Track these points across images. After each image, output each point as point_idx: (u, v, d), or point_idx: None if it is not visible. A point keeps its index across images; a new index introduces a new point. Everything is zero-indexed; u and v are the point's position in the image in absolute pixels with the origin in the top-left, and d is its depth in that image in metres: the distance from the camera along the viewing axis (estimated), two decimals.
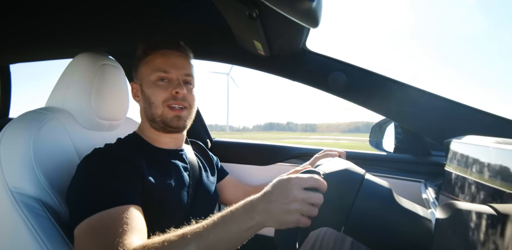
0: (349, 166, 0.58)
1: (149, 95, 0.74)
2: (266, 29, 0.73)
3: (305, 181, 0.48)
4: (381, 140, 1.26)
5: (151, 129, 0.78)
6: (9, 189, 0.63)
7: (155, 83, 0.74)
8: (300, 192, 0.47)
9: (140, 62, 0.77)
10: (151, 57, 0.75)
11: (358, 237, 0.57)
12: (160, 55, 0.75)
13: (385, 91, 0.87)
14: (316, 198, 0.48)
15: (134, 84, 0.79)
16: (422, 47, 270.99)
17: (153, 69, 0.74)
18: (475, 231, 0.33)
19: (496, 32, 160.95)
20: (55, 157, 0.70)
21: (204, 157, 0.96)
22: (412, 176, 0.99)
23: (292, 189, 0.48)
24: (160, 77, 0.74)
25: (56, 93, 0.80)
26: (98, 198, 0.57)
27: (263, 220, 0.47)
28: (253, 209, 0.48)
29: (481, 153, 0.44)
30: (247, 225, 0.47)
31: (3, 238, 0.63)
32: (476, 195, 0.39)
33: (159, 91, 0.73)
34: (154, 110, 0.74)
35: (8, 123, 0.69)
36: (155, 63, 0.74)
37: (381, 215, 0.53)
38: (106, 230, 0.52)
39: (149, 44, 0.77)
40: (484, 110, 0.78)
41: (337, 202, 0.53)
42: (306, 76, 0.96)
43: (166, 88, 0.74)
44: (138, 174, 0.65)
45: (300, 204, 0.47)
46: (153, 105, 0.74)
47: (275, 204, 0.47)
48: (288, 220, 0.47)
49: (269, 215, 0.47)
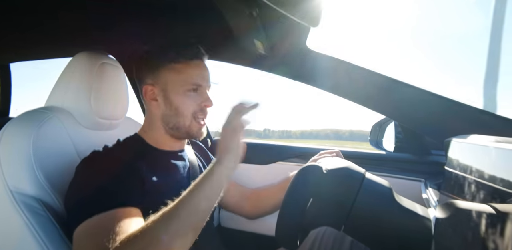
0: (349, 164, 0.59)
1: (178, 104, 0.73)
2: (266, 28, 0.73)
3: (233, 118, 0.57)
4: (381, 139, 1.26)
5: (165, 134, 0.77)
6: (9, 189, 0.63)
7: (186, 94, 0.73)
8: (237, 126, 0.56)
9: (163, 67, 0.74)
10: (183, 67, 0.73)
11: (357, 236, 0.57)
12: (193, 67, 0.74)
13: (386, 91, 0.87)
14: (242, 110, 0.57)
15: (150, 87, 0.75)
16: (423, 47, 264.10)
17: (185, 80, 0.73)
18: (475, 230, 0.33)
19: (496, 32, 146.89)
20: (55, 156, 0.70)
21: (204, 157, 0.95)
22: (412, 175, 0.99)
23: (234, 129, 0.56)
24: (192, 89, 0.74)
25: (56, 92, 0.80)
26: (96, 200, 0.56)
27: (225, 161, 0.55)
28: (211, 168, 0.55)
29: (481, 152, 0.44)
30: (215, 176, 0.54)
31: (3, 237, 0.63)
32: (476, 194, 0.39)
33: (190, 103, 0.74)
34: (182, 121, 0.74)
35: (8, 123, 0.69)
36: (189, 74, 0.73)
37: (381, 214, 0.53)
38: (104, 232, 0.51)
39: (181, 51, 0.74)
40: (484, 110, 0.78)
41: (338, 199, 0.53)
42: (306, 76, 0.96)
43: (195, 100, 0.74)
44: (137, 175, 0.64)
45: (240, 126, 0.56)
46: (180, 115, 0.74)
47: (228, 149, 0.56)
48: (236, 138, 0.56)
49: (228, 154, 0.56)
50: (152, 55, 0.76)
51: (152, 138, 0.78)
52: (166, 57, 0.73)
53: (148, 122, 0.79)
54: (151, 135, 0.78)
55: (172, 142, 0.79)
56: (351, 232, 0.55)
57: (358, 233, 0.55)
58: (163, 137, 0.77)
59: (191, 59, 0.74)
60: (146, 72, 0.76)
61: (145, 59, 0.76)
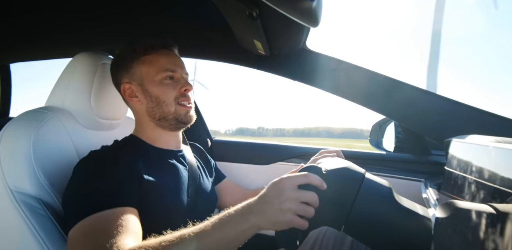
0: (349, 164, 0.59)
1: (158, 95, 0.74)
2: (266, 29, 0.73)
3: (296, 179, 0.49)
4: (381, 139, 1.27)
5: (156, 128, 0.77)
6: (9, 188, 0.63)
7: (163, 83, 0.75)
8: (292, 191, 0.48)
9: (135, 62, 0.75)
10: (153, 57, 0.75)
11: (358, 236, 0.57)
12: (163, 55, 0.76)
13: (386, 91, 0.87)
14: (309, 197, 0.48)
15: (127, 85, 0.76)
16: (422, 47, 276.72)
17: (159, 69, 0.74)
18: (475, 230, 0.33)
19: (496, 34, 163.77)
20: (55, 156, 0.70)
21: (203, 158, 0.95)
22: (412, 175, 0.99)
23: (284, 188, 0.48)
24: (168, 76, 0.75)
25: (56, 92, 0.80)
26: (92, 200, 0.56)
27: (258, 221, 0.47)
28: (249, 211, 0.48)
29: (481, 152, 0.44)
30: (243, 227, 0.47)
31: (3, 237, 0.63)
32: (476, 194, 0.39)
33: (169, 90, 0.75)
34: (166, 109, 0.75)
35: (8, 123, 0.69)
36: (160, 63, 0.75)
37: (381, 214, 0.53)
38: (100, 232, 0.51)
39: (148, 44, 0.76)
40: (484, 110, 0.78)
41: (338, 199, 0.53)
42: (306, 76, 0.96)
43: (174, 87, 0.75)
44: (135, 176, 0.64)
45: (292, 203, 0.47)
46: (164, 104, 0.74)
47: (269, 205, 0.47)
48: (282, 221, 0.47)
49: (264, 216, 0.47)
50: (122, 55, 0.77)
51: (146, 136, 0.78)
52: (135, 52, 0.75)
53: (138, 121, 0.80)
54: (143, 133, 0.78)
55: (166, 136, 0.79)
56: (351, 232, 0.55)
57: (358, 233, 0.55)
58: (155, 132, 0.78)
59: (159, 48, 0.77)
60: (121, 72, 0.77)
61: (117, 61, 0.78)
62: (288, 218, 0.47)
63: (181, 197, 0.72)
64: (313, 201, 0.48)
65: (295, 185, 0.48)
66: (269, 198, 0.48)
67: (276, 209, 0.47)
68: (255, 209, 0.48)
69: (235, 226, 0.48)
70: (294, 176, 0.49)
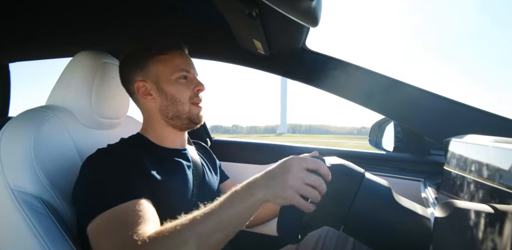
0: (350, 163, 0.59)
1: (173, 94, 0.76)
2: (265, 28, 0.73)
3: (307, 162, 0.51)
4: (381, 139, 1.27)
5: (166, 127, 0.78)
6: (10, 188, 0.63)
7: (178, 82, 0.76)
8: (300, 171, 0.50)
9: (150, 61, 0.76)
10: (169, 57, 0.77)
11: (357, 236, 0.57)
12: (178, 56, 0.78)
13: (385, 91, 0.87)
14: (316, 181, 0.50)
15: (141, 83, 0.77)
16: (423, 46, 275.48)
17: (174, 68, 0.76)
18: (474, 230, 0.33)
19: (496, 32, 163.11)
20: (56, 155, 0.70)
21: (207, 156, 0.96)
22: (411, 175, 0.99)
23: (293, 166, 0.50)
24: (182, 76, 0.77)
25: (57, 91, 0.80)
26: (108, 195, 0.58)
27: (264, 194, 0.49)
28: (254, 185, 0.51)
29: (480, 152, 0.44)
30: (250, 201, 0.50)
31: (4, 236, 0.63)
32: (475, 194, 0.40)
33: (184, 89, 0.76)
34: (181, 107, 0.76)
35: (9, 122, 0.69)
36: (176, 63, 0.77)
37: (380, 214, 0.53)
38: (121, 223, 0.53)
39: (164, 44, 0.78)
40: (483, 110, 0.78)
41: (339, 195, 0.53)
42: (305, 76, 0.96)
43: (188, 87, 0.77)
44: (143, 172, 0.65)
45: (296, 182, 0.49)
46: (179, 103, 0.76)
47: (274, 179, 0.50)
48: (283, 196, 0.49)
49: (268, 189, 0.49)
50: (135, 53, 0.78)
51: (154, 134, 0.78)
52: (150, 51, 0.77)
53: (147, 119, 0.80)
54: (152, 131, 0.79)
55: (174, 136, 0.80)
56: (351, 231, 0.55)
57: (358, 232, 0.56)
58: (164, 131, 0.78)
59: (174, 49, 0.78)
60: (134, 70, 0.77)
61: (129, 60, 0.78)
62: (290, 194, 0.48)
63: (186, 194, 0.73)
64: (318, 185, 0.50)
65: (304, 167, 0.50)
66: (275, 174, 0.51)
67: (280, 184, 0.49)
68: (261, 183, 0.51)
69: (243, 202, 0.50)
70: (305, 158, 0.51)
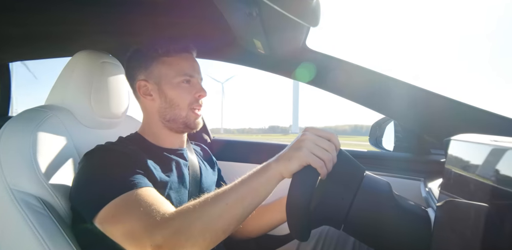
0: None
1: (173, 97, 0.76)
2: (266, 28, 0.73)
3: (319, 130, 0.53)
4: (381, 138, 1.26)
5: (163, 128, 0.78)
6: (9, 187, 0.63)
7: (180, 86, 0.76)
8: (313, 135, 0.52)
9: (155, 62, 0.76)
10: (175, 60, 0.76)
11: (357, 235, 0.57)
12: (184, 59, 0.77)
13: (385, 90, 0.87)
14: (326, 143, 0.51)
15: (143, 82, 0.77)
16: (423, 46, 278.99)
17: (178, 72, 0.75)
18: (474, 229, 0.33)
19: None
20: (55, 154, 0.70)
21: (205, 157, 0.96)
22: (411, 174, 0.99)
23: (305, 133, 0.53)
24: (185, 80, 0.76)
25: (56, 91, 0.80)
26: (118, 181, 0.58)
27: (277, 165, 0.51)
28: (268, 163, 0.53)
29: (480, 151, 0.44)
30: (265, 176, 0.52)
31: (4, 236, 0.63)
32: (475, 193, 0.39)
33: (185, 94, 0.76)
34: (178, 112, 0.76)
35: (8, 121, 0.69)
36: (180, 66, 0.76)
37: (380, 213, 0.53)
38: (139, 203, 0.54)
39: (171, 46, 0.77)
40: (484, 109, 0.78)
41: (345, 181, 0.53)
42: None
43: (190, 92, 0.77)
44: (141, 168, 0.65)
45: (310, 143, 0.51)
46: (177, 107, 0.76)
47: (288, 149, 0.52)
48: (300, 155, 0.50)
49: (282, 158, 0.52)
50: (141, 52, 0.77)
51: (152, 135, 0.79)
52: (157, 52, 0.76)
53: (146, 119, 0.80)
54: (150, 132, 0.79)
55: (171, 137, 0.80)
56: (351, 231, 0.55)
57: (358, 232, 0.56)
58: (161, 132, 0.78)
59: (181, 52, 0.77)
60: (138, 68, 0.77)
61: (136, 56, 0.78)
62: (305, 152, 0.50)
63: (182, 192, 0.74)
64: (331, 149, 0.51)
65: (316, 133, 0.53)
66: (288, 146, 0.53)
67: (293, 148, 0.51)
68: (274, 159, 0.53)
69: (260, 175, 0.52)
70: (318, 128, 0.54)
